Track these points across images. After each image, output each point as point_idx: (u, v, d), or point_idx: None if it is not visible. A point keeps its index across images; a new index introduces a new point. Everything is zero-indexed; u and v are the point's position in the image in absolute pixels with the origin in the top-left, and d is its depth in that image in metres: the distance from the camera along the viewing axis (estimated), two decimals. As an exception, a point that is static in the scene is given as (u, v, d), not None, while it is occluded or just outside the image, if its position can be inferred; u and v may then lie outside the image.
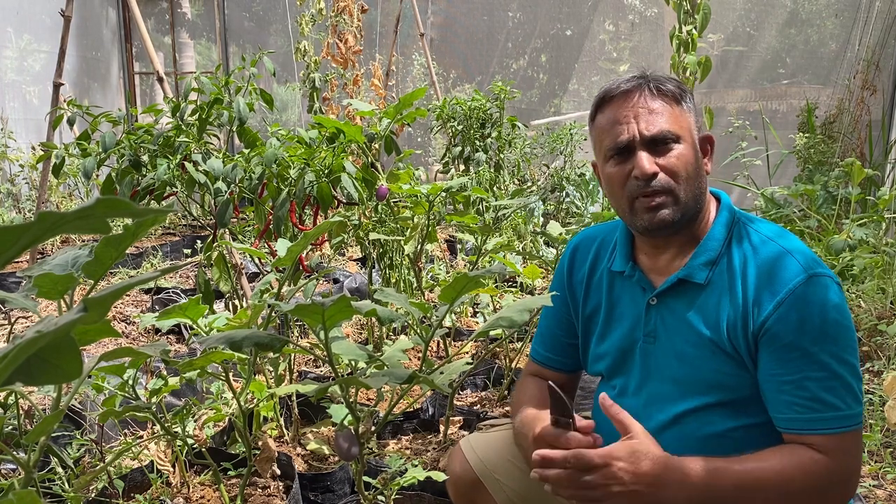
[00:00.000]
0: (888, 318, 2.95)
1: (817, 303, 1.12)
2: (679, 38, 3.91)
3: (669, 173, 1.21)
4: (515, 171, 4.53)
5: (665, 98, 1.24)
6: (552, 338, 1.48)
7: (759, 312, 1.15)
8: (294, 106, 8.04)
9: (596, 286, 1.40)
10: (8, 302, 0.95)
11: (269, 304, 1.35)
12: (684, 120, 1.24)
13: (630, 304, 1.33)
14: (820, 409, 1.11)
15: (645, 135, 1.21)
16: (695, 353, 1.22)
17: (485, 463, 1.42)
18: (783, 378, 1.14)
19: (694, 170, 1.23)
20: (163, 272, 0.63)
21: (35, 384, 0.48)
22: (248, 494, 1.91)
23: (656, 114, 1.22)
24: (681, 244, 1.27)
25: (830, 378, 1.11)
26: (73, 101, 2.54)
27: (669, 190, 1.21)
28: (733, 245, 1.24)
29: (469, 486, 1.44)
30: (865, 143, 5.55)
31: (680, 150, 1.22)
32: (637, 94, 1.23)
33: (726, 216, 1.27)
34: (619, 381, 1.34)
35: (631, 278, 1.32)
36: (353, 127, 2.17)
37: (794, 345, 1.12)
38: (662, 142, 1.22)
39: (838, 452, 1.11)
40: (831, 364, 1.11)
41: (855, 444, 1.13)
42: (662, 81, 1.25)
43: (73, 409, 2.18)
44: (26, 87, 6.39)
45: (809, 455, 1.11)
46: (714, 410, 1.21)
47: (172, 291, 3.80)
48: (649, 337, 1.28)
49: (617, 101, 1.25)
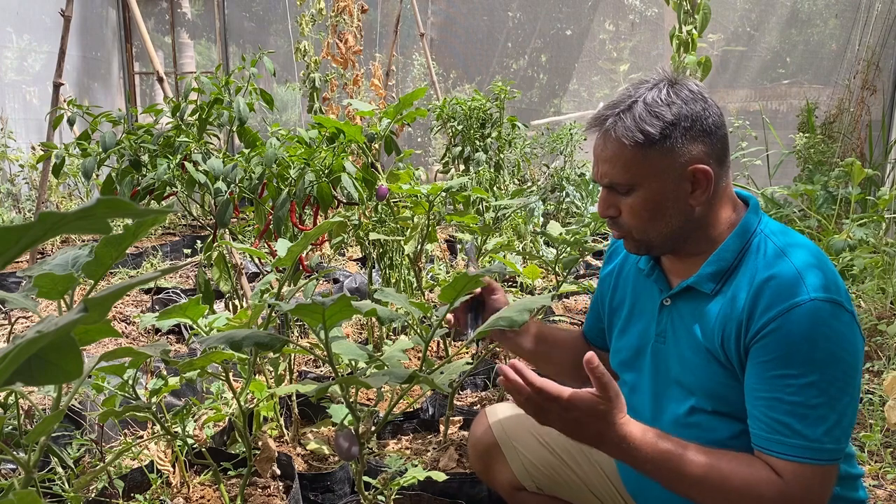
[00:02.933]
0: (888, 318, 2.95)
1: (812, 328, 1.07)
2: (679, 38, 3.91)
3: (626, 218, 1.22)
4: (515, 171, 4.53)
5: (624, 143, 1.17)
6: (595, 327, 1.55)
7: (752, 325, 1.13)
8: (294, 106, 8.04)
9: (624, 280, 1.42)
10: (8, 302, 0.95)
11: (269, 304, 1.35)
12: (649, 165, 1.17)
13: (648, 302, 1.34)
14: (785, 432, 1.08)
15: (600, 181, 1.23)
16: (694, 359, 1.22)
17: (506, 430, 1.52)
18: (758, 393, 1.12)
19: (659, 212, 1.19)
20: (163, 272, 0.63)
21: (36, 384, 0.48)
22: (248, 494, 1.91)
23: (609, 163, 1.20)
24: (698, 252, 1.25)
25: (803, 405, 1.07)
26: (73, 101, 2.53)
27: (627, 231, 1.23)
28: (748, 255, 1.20)
29: (486, 448, 1.54)
30: (865, 143, 5.55)
31: (634, 198, 1.19)
32: (601, 136, 1.21)
33: (748, 225, 1.23)
34: (631, 377, 1.36)
35: (650, 277, 1.33)
36: (353, 127, 2.17)
37: (776, 363, 1.10)
38: (617, 189, 1.21)
39: (798, 482, 1.07)
40: (808, 392, 1.07)
41: (816, 479, 1.08)
42: (628, 125, 1.16)
43: (73, 409, 2.18)
44: (26, 87, 6.39)
45: (767, 474, 1.09)
46: (714, 417, 1.21)
47: (172, 291, 3.80)
48: (660, 337, 1.29)
49: (592, 133, 1.25)
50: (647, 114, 1.16)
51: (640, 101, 1.18)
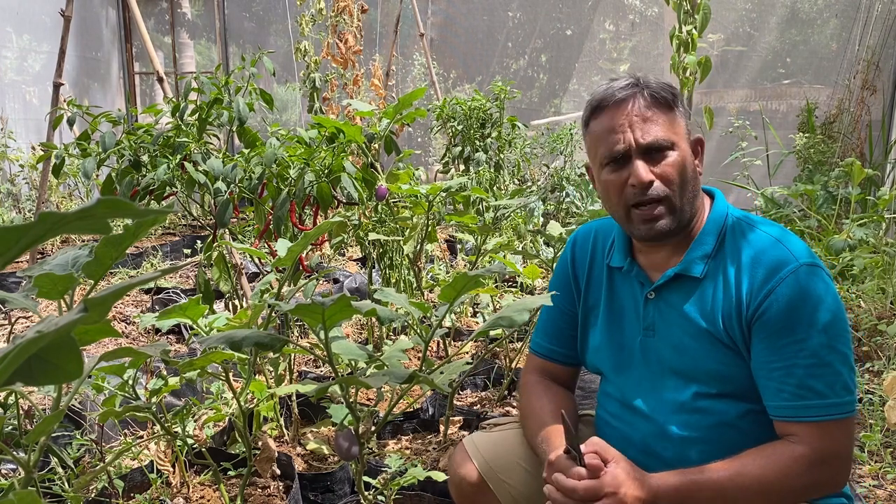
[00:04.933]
0: (888, 318, 2.95)
1: (808, 291, 1.14)
2: (679, 38, 3.90)
3: (665, 181, 1.22)
4: (515, 171, 4.53)
5: (659, 105, 1.24)
6: (556, 330, 1.48)
7: (752, 301, 1.18)
8: (294, 106, 8.03)
9: (596, 280, 1.42)
10: (8, 302, 0.95)
11: (269, 304, 1.35)
12: (678, 126, 1.25)
13: (629, 299, 1.35)
14: (807, 395, 1.13)
15: (641, 143, 1.22)
16: (694, 344, 1.24)
17: (490, 464, 1.41)
18: (773, 365, 1.16)
19: (689, 174, 1.24)
20: (163, 272, 0.63)
21: (36, 384, 0.48)
22: (248, 494, 1.91)
23: (651, 122, 1.22)
24: (676, 243, 1.29)
25: (818, 365, 1.13)
26: (72, 101, 2.53)
27: (666, 198, 1.23)
28: (727, 238, 1.26)
29: (473, 487, 1.42)
30: (865, 143, 5.55)
31: (674, 156, 1.23)
32: (631, 102, 1.23)
33: (719, 212, 1.29)
34: (621, 378, 1.35)
35: (629, 273, 1.34)
36: (352, 127, 2.17)
37: (783, 332, 1.15)
38: (658, 150, 1.22)
39: (828, 439, 1.13)
40: (820, 352, 1.13)
41: (842, 432, 1.14)
42: (656, 88, 1.25)
43: (73, 409, 2.17)
44: (26, 87, 6.39)
45: (790, 453, 1.13)
46: (719, 400, 1.23)
47: (172, 291, 3.80)
48: (648, 331, 1.30)
49: (612, 109, 1.25)
50: (658, 83, 1.26)
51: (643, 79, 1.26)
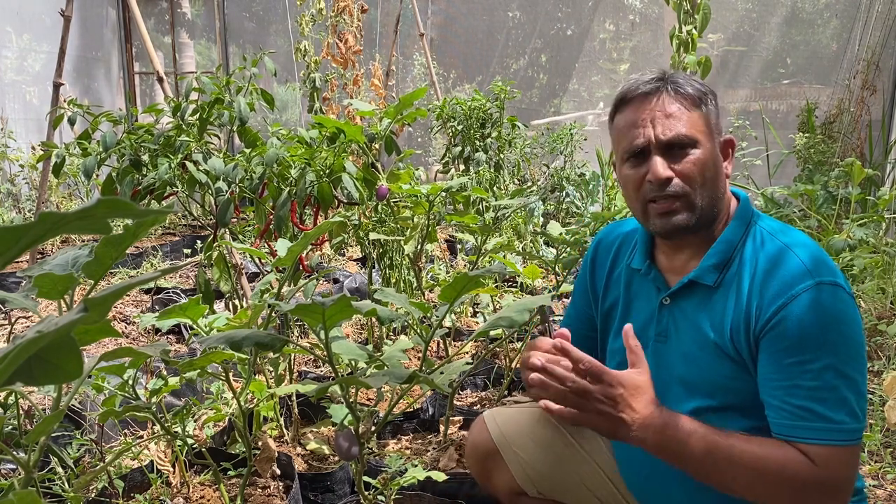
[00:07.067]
0: (888, 318, 2.95)
1: (822, 311, 1.10)
2: (679, 38, 3.90)
3: (685, 178, 1.20)
4: (515, 171, 4.53)
5: (684, 101, 1.21)
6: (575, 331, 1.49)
7: (761, 315, 1.14)
8: (294, 106, 8.03)
9: (615, 282, 1.41)
10: (8, 302, 0.95)
11: (269, 304, 1.35)
12: (703, 124, 1.22)
13: (645, 302, 1.33)
14: (808, 417, 1.09)
15: (661, 139, 1.20)
16: (701, 355, 1.22)
17: (505, 435, 1.49)
18: (776, 383, 1.13)
19: (712, 174, 1.21)
20: (163, 272, 0.63)
21: (36, 384, 0.48)
22: (248, 494, 1.91)
23: (673, 118, 1.20)
24: (698, 245, 1.26)
25: (823, 389, 1.09)
26: (73, 100, 2.53)
27: (684, 195, 1.21)
28: (747, 246, 1.22)
29: (485, 453, 1.51)
30: (865, 143, 5.55)
31: (696, 154, 1.20)
32: (655, 97, 1.22)
33: (743, 217, 1.25)
34: None
35: (647, 276, 1.33)
36: (353, 127, 2.17)
37: (790, 350, 1.11)
38: (679, 146, 1.20)
39: (827, 465, 1.09)
40: (826, 375, 1.09)
41: (846, 458, 1.10)
42: (682, 84, 1.22)
43: (73, 409, 2.17)
44: (26, 87, 6.39)
45: (800, 456, 1.11)
46: (722, 413, 1.20)
47: (172, 291, 3.80)
48: (661, 336, 1.29)
49: (635, 103, 1.24)
50: (687, 80, 1.24)
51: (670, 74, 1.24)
